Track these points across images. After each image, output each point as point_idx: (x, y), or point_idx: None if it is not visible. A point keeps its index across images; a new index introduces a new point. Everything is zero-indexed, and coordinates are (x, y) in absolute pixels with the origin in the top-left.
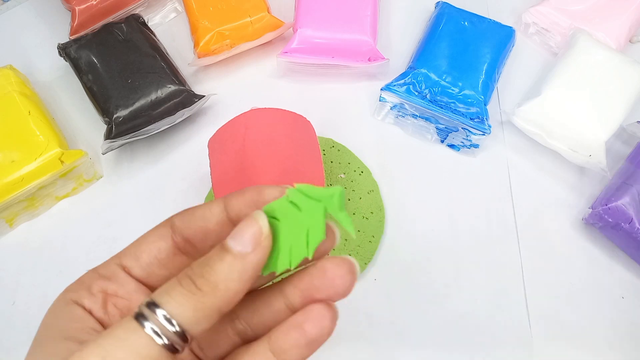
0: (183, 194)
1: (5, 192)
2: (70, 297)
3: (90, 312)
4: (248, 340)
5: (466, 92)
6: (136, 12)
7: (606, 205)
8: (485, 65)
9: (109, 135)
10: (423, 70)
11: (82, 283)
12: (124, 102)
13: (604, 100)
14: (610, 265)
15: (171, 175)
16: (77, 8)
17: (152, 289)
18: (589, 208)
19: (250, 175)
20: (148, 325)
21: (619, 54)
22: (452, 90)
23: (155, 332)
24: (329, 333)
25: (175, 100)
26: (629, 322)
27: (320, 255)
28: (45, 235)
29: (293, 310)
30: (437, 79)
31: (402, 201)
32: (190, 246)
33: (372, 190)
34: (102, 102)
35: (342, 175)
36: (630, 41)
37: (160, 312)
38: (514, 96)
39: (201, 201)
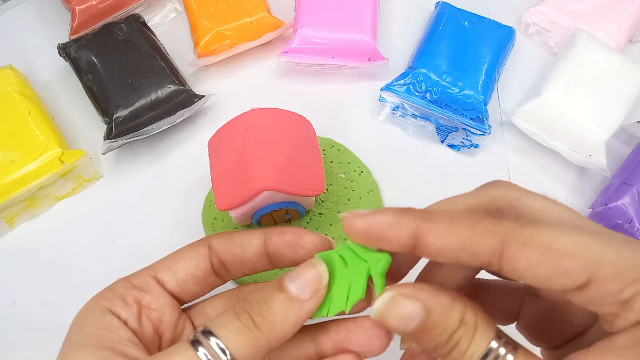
0: (183, 194)
1: (5, 192)
2: (104, 305)
3: (125, 323)
4: None
5: (466, 92)
6: (136, 12)
7: (606, 205)
8: (485, 65)
9: (109, 135)
10: (423, 70)
11: (116, 292)
12: (124, 102)
13: (604, 100)
14: None
15: (171, 175)
16: (77, 8)
17: (181, 302)
18: (589, 208)
19: (251, 175)
20: (202, 350)
21: (619, 54)
22: (452, 90)
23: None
24: None
25: (175, 100)
26: None
27: (354, 311)
28: (45, 235)
29: (321, 356)
30: (437, 79)
31: (402, 201)
32: (223, 269)
33: (372, 190)
34: (102, 102)
35: (342, 175)
36: (630, 41)
37: (214, 341)
38: (514, 96)
39: (201, 202)
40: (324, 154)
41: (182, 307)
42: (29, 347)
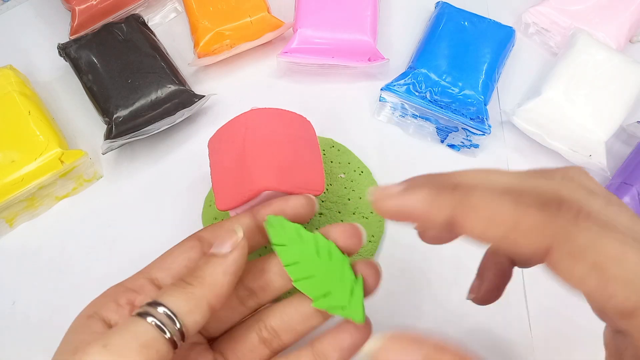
0: (183, 194)
1: (5, 192)
2: (94, 310)
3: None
4: (275, 351)
5: (466, 92)
6: (136, 12)
7: None
8: (485, 65)
9: (108, 135)
10: (423, 70)
11: (107, 296)
12: (124, 102)
13: (604, 100)
14: None
15: (171, 175)
16: (77, 8)
17: None
18: None
19: (251, 175)
20: (150, 319)
21: (619, 54)
22: (452, 90)
23: (157, 325)
24: (362, 344)
25: (175, 101)
26: None
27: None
28: (45, 235)
29: (325, 317)
30: (437, 79)
31: None
32: None
33: None
34: (102, 102)
35: (342, 175)
36: (630, 41)
37: (161, 309)
38: (514, 96)
39: (201, 202)
40: (324, 154)
41: None
42: (29, 347)
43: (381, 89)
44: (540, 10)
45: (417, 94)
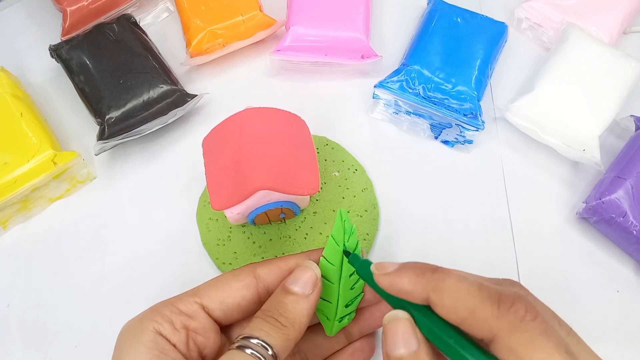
0: (177, 194)
1: None
2: (155, 328)
3: (174, 346)
4: None
5: (459, 88)
6: (128, 12)
7: (600, 199)
8: (478, 61)
9: (101, 136)
10: (416, 67)
11: (163, 315)
12: (116, 103)
13: (597, 94)
14: (604, 260)
15: (165, 176)
16: (68, 9)
17: (221, 326)
18: (583, 202)
19: (246, 174)
20: (249, 351)
21: (611, 48)
22: (446, 86)
23: (255, 356)
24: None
25: (167, 100)
26: (623, 316)
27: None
28: (39, 237)
29: (350, 340)
30: (430, 75)
31: (396, 198)
32: (268, 295)
33: (366, 188)
34: (94, 103)
35: (336, 173)
36: (624, 32)
37: (256, 341)
38: (508, 92)
39: (195, 201)
40: (318, 152)
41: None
42: (24, 349)
43: (374, 86)
44: (533, 5)
45: (410, 90)
